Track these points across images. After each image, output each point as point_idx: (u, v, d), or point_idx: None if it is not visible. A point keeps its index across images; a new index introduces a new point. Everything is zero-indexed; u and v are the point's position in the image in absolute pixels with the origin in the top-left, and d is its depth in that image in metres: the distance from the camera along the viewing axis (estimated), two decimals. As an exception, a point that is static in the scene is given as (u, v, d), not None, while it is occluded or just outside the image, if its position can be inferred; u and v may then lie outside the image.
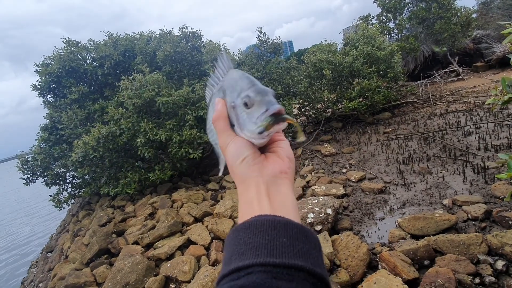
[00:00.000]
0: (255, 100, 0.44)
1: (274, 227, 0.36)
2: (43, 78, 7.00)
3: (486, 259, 2.41)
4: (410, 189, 3.92)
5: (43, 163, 6.89)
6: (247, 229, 0.37)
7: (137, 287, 3.06)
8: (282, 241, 0.34)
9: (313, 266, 0.33)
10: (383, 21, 11.15)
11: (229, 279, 0.32)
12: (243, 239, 0.36)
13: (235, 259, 0.34)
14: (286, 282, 0.30)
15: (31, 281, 6.20)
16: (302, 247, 0.35)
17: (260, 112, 0.43)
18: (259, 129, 0.43)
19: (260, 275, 0.31)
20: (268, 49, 7.39)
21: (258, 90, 0.45)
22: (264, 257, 0.32)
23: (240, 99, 0.46)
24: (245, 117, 0.45)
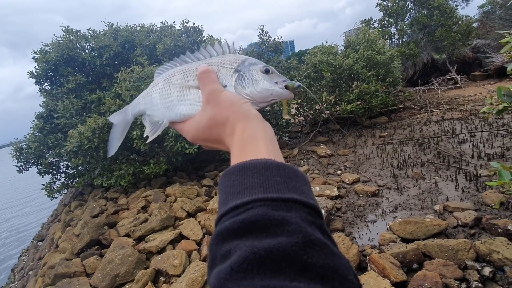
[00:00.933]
0: (275, 71, 0.54)
1: (267, 168, 0.37)
2: (41, 65, 6.93)
3: (474, 265, 2.44)
4: (403, 194, 3.96)
5: (37, 152, 6.83)
6: (240, 171, 0.38)
7: (127, 279, 3.06)
8: (276, 180, 0.36)
9: (306, 198, 0.36)
10: (384, 26, 11.19)
11: (229, 216, 0.34)
12: (238, 180, 0.37)
13: (231, 199, 0.35)
14: (285, 212, 0.33)
15: (21, 268, 6.16)
16: (295, 184, 0.37)
17: (281, 78, 0.52)
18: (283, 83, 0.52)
19: (260, 209, 0.32)
20: (269, 47, 7.39)
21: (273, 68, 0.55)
22: (261, 194, 0.34)
23: (259, 67, 0.53)
24: (261, 78, 0.52)
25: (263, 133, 0.46)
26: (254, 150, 0.43)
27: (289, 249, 0.29)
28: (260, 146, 0.44)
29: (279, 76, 0.53)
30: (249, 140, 0.45)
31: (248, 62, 0.55)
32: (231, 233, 0.32)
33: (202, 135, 0.53)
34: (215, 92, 0.52)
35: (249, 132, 0.46)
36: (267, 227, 0.31)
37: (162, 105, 0.60)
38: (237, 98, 0.52)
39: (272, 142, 0.46)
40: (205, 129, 0.52)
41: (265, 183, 0.36)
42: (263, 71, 0.53)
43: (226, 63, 0.55)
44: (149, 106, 0.65)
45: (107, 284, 3.01)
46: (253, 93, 0.52)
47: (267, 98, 0.52)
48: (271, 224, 0.31)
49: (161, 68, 0.64)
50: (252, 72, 0.53)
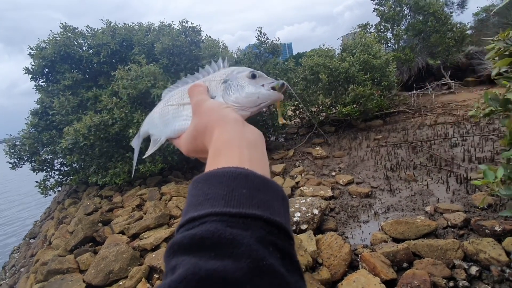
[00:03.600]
0: (262, 75, 0.54)
1: (234, 178, 0.35)
2: (37, 61, 6.88)
3: (461, 264, 2.51)
4: (395, 195, 4.03)
5: (31, 148, 6.77)
6: (206, 180, 0.36)
7: (121, 275, 3.06)
8: (241, 192, 0.33)
9: (271, 215, 0.32)
10: (381, 31, 11.35)
11: (185, 228, 0.32)
12: (202, 190, 0.35)
13: (191, 209, 0.34)
14: (241, 230, 0.30)
15: (12, 266, 6.10)
16: (262, 198, 0.34)
17: (267, 81, 0.52)
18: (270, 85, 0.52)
19: (213, 224, 0.30)
20: (266, 49, 7.44)
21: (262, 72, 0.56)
22: (220, 207, 0.32)
23: (246, 73, 0.54)
24: (246, 83, 0.52)
25: (240, 138, 0.43)
26: (227, 157, 0.40)
27: (231, 275, 0.26)
28: (234, 152, 0.40)
29: (265, 79, 0.54)
30: (223, 146, 0.42)
31: (236, 71, 0.56)
32: (181, 247, 0.30)
33: (191, 146, 0.53)
34: (199, 102, 0.52)
35: (224, 137, 0.43)
36: (216, 246, 0.29)
37: (160, 124, 0.64)
38: (217, 104, 0.51)
39: (250, 148, 0.42)
40: (192, 140, 0.51)
41: (228, 195, 0.33)
42: (249, 77, 0.54)
43: (217, 76, 0.57)
44: (150, 126, 0.70)
45: (101, 280, 3.02)
46: (239, 99, 0.51)
47: (255, 102, 0.52)
48: (221, 243, 0.29)
49: (166, 90, 0.69)
50: (239, 80, 0.54)
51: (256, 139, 0.44)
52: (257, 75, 0.54)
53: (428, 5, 10.46)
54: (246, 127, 0.46)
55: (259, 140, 0.45)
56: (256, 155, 0.42)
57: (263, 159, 0.43)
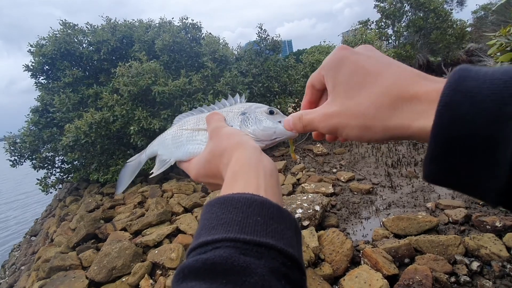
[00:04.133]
0: (279, 112, 0.58)
1: (249, 205, 0.34)
2: (37, 59, 6.85)
3: (463, 259, 2.53)
4: (397, 192, 4.04)
5: (31, 146, 6.76)
6: (221, 204, 0.35)
7: (124, 271, 3.08)
8: (256, 219, 0.33)
9: (285, 246, 0.32)
10: (381, 27, 11.32)
11: (196, 252, 0.31)
12: (216, 214, 0.34)
13: (204, 233, 0.33)
14: (254, 258, 0.29)
15: (12, 264, 6.12)
16: (276, 227, 0.33)
17: (284, 118, 0.55)
18: None
19: (227, 250, 0.29)
20: (267, 46, 7.42)
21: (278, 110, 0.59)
22: (234, 233, 0.31)
23: (264, 109, 0.58)
24: (264, 118, 0.55)
25: (257, 164, 0.42)
26: (245, 181, 0.39)
27: None
28: (252, 178, 0.40)
29: (283, 117, 0.56)
30: (241, 170, 0.42)
31: (254, 106, 0.59)
32: (191, 272, 0.29)
33: (203, 170, 0.52)
34: (217, 129, 0.52)
35: (242, 161, 0.43)
36: (229, 273, 0.28)
37: (172, 145, 0.66)
38: (236, 131, 0.52)
39: (267, 175, 0.41)
40: (205, 163, 0.51)
41: (243, 222, 0.32)
42: (267, 112, 0.56)
43: (235, 108, 0.60)
44: (161, 146, 0.71)
45: (104, 276, 3.03)
46: (256, 131, 0.54)
47: (271, 136, 0.54)
48: (233, 270, 0.28)
49: (179, 116, 0.71)
50: (257, 114, 0.57)
51: (272, 167, 0.44)
52: (275, 111, 0.57)
53: (428, 2, 10.43)
54: (263, 155, 0.46)
55: (274, 169, 0.44)
56: (271, 183, 0.41)
57: (277, 187, 0.42)
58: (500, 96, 0.25)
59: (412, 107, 0.32)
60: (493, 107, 0.25)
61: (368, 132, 0.36)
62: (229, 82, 6.01)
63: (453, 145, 0.27)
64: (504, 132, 0.24)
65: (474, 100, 0.26)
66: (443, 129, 0.28)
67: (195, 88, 5.79)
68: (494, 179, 0.26)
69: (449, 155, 0.28)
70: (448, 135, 0.27)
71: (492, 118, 0.25)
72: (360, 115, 0.36)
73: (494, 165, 0.25)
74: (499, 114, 0.25)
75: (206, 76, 6.06)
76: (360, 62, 0.38)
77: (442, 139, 0.28)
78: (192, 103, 5.71)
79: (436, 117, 0.28)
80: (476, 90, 0.26)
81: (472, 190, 0.28)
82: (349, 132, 0.38)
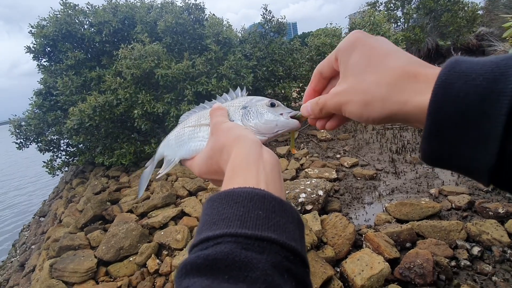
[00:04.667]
0: (280, 105, 0.57)
1: (250, 199, 0.34)
2: (38, 40, 6.76)
3: (464, 244, 2.56)
4: (400, 178, 4.05)
5: (36, 129, 6.81)
6: (222, 199, 0.35)
7: (131, 251, 3.18)
8: (258, 213, 0.32)
9: (287, 240, 0.31)
10: (390, 9, 10.94)
11: (198, 248, 0.31)
12: (217, 209, 0.34)
13: (206, 229, 0.33)
14: (256, 253, 0.29)
15: (22, 243, 6.33)
16: (278, 220, 0.33)
17: (286, 110, 0.55)
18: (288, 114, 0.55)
19: (228, 245, 0.29)
20: (272, 28, 7.22)
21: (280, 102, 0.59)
22: (235, 228, 0.31)
23: (265, 102, 0.57)
24: (265, 111, 0.55)
25: (257, 158, 0.42)
26: (244, 176, 0.39)
27: None
28: (251, 172, 0.39)
29: (283, 109, 0.56)
30: (240, 165, 0.41)
31: (255, 100, 0.59)
32: (193, 268, 0.29)
33: (205, 167, 0.51)
34: (217, 123, 0.52)
35: (242, 156, 0.42)
36: (230, 268, 0.28)
37: (175, 145, 0.66)
38: (236, 125, 0.51)
39: (267, 169, 0.41)
40: (207, 159, 0.50)
41: (244, 216, 0.32)
42: (268, 105, 0.56)
43: (236, 102, 0.59)
44: (166, 148, 0.71)
45: (112, 256, 3.13)
46: (258, 125, 0.53)
47: (273, 129, 0.54)
48: (235, 266, 0.28)
49: (183, 115, 0.71)
50: (258, 107, 0.56)
51: (273, 161, 0.43)
52: (276, 104, 0.56)
53: (441, -18, 10.00)
54: (264, 148, 0.45)
55: (276, 162, 0.44)
56: (272, 177, 0.41)
57: (279, 181, 0.42)
58: (492, 75, 0.27)
59: (411, 85, 0.34)
60: (485, 84, 0.27)
61: (368, 108, 0.37)
62: (233, 66, 5.91)
63: (448, 121, 0.29)
64: (495, 107, 0.26)
65: (468, 78, 0.28)
66: (439, 106, 0.29)
67: (199, 72, 5.71)
68: (486, 155, 0.27)
69: (444, 131, 0.29)
70: (442, 111, 0.29)
71: (484, 94, 0.26)
72: (362, 91, 0.38)
73: (486, 141, 0.27)
74: (491, 90, 0.26)
75: (209, 59, 5.96)
76: (372, 44, 0.39)
77: (437, 115, 0.29)
78: (196, 87, 5.65)
79: (432, 94, 0.30)
80: (469, 71, 0.28)
81: (466, 167, 0.30)
82: (351, 108, 0.39)
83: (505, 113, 0.25)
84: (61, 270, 3.01)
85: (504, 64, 0.27)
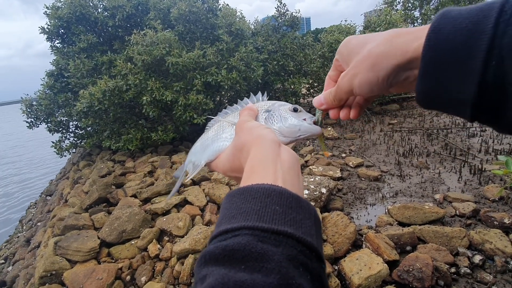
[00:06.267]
0: (303, 110, 0.60)
1: (268, 195, 0.35)
2: (52, 21, 6.81)
3: (466, 252, 2.54)
4: (405, 181, 4.01)
5: (47, 109, 6.92)
6: (241, 194, 0.37)
7: (133, 235, 3.23)
8: (275, 209, 0.34)
9: (303, 235, 0.32)
10: (408, 8, 10.68)
11: (217, 240, 0.33)
12: (236, 204, 0.36)
13: (225, 222, 0.34)
14: (272, 246, 0.30)
15: (29, 220, 6.50)
16: (295, 216, 0.34)
17: (308, 115, 0.58)
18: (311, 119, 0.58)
19: (245, 237, 0.31)
20: (285, 22, 7.13)
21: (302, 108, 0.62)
22: (253, 222, 0.32)
23: (288, 107, 0.59)
24: (289, 115, 0.57)
25: (275, 157, 0.43)
26: (261, 174, 0.40)
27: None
28: (269, 170, 0.41)
29: (306, 114, 0.59)
30: (258, 164, 0.42)
31: (278, 104, 0.60)
32: (212, 258, 0.30)
33: (228, 164, 0.53)
34: (242, 122, 0.53)
35: (260, 155, 0.44)
36: (247, 259, 0.29)
37: (200, 149, 0.68)
38: (257, 125, 0.51)
39: (284, 168, 0.42)
40: (230, 157, 0.52)
41: (261, 211, 0.33)
42: (291, 110, 0.58)
43: (259, 106, 0.61)
44: (193, 154, 0.74)
45: (114, 238, 3.20)
46: (282, 128, 0.55)
47: (296, 133, 0.55)
48: (251, 256, 0.29)
49: (209, 123, 0.73)
50: (281, 111, 0.58)
51: (291, 160, 0.44)
52: (298, 109, 0.59)
53: (463, -17, 9.68)
54: (282, 148, 0.46)
55: (294, 161, 0.45)
56: (289, 175, 0.42)
57: (297, 180, 0.43)
58: (476, 18, 0.31)
59: (407, 37, 0.37)
60: (470, 26, 0.31)
61: (375, 68, 0.40)
62: (243, 58, 5.87)
63: (439, 60, 0.33)
64: (477, 44, 0.29)
65: (456, 22, 0.32)
66: (431, 47, 0.33)
67: (209, 62, 5.69)
68: (470, 87, 0.31)
69: (436, 68, 0.33)
70: (434, 51, 0.33)
71: (469, 34, 0.30)
72: (365, 58, 0.41)
73: (470, 74, 0.30)
74: (475, 30, 0.30)
75: (220, 50, 5.93)
76: (363, 36, 0.44)
77: (429, 56, 0.33)
78: (205, 77, 5.64)
79: (426, 38, 0.34)
80: (458, 16, 0.32)
81: (454, 101, 0.33)
82: (360, 78, 0.43)
83: (484, 49, 0.29)
84: (65, 248, 3.09)
85: (487, 8, 0.30)
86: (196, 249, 2.84)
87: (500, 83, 0.29)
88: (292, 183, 0.41)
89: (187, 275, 2.67)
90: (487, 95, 0.31)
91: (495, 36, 0.29)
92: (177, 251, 2.86)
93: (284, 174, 0.41)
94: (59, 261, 2.96)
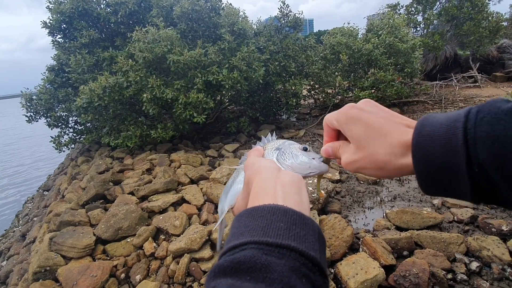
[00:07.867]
0: (312, 150, 0.63)
1: (273, 213, 0.38)
2: (55, 16, 6.79)
3: (463, 258, 2.53)
4: (404, 185, 4.00)
5: (47, 104, 6.90)
6: (249, 214, 0.40)
7: (129, 233, 3.22)
8: (279, 225, 0.36)
9: (306, 249, 0.34)
10: (411, 13, 10.66)
11: (226, 255, 0.35)
12: (244, 223, 0.39)
13: (233, 239, 0.37)
14: (276, 258, 0.32)
15: (25, 214, 6.47)
16: (298, 232, 0.36)
17: (317, 156, 0.61)
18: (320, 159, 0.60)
19: (251, 251, 0.33)
20: (288, 23, 7.12)
21: None
22: (258, 237, 0.35)
23: (298, 146, 0.63)
24: (300, 153, 0.61)
25: (274, 181, 0.46)
26: (262, 197, 0.44)
27: None
28: (269, 193, 0.44)
29: (315, 154, 0.62)
30: (259, 190, 0.46)
31: (288, 143, 0.64)
32: (221, 271, 0.33)
33: (243, 202, 0.54)
34: (247, 162, 0.56)
35: (260, 183, 0.47)
36: (252, 270, 0.31)
37: (223, 196, 0.72)
38: (259, 159, 0.55)
39: (284, 188, 0.45)
40: (243, 194, 0.54)
41: (267, 227, 0.36)
42: (301, 149, 0.61)
43: (269, 145, 0.65)
44: (220, 201, 0.76)
45: (110, 235, 3.18)
46: (294, 165, 0.58)
47: (306, 170, 0.58)
48: (256, 268, 0.31)
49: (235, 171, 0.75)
50: (292, 149, 0.61)
51: (292, 180, 0.47)
52: (308, 148, 0.62)
53: (466, -11, 9.68)
54: (282, 172, 0.50)
55: (296, 181, 0.47)
56: (290, 193, 0.44)
57: (299, 196, 0.45)
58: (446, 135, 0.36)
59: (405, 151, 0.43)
60: (444, 141, 0.36)
61: (382, 171, 0.46)
62: (245, 58, 5.85)
63: (428, 172, 0.38)
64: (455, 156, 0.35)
65: (432, 140, 0.37)
66: (418, 164, 0.39)
67: (210, 61, 5.67)
68: (464, 187, 0.35)
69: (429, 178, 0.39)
70: (422, 166, 0.39)
71: (445, 149, 0.36)
72: (373, 161, 0.46)
73: (459, 179, 0.35)
74: (449, 145, 0.36)
75: (222, 49, 5.91)
76: (368, 121, 0.47)
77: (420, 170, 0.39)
78: (206, 76, 5.62)
79: (412, 157, 0.40)
80: (432, 133, 0.38)
81: (456, 196, 0.38)
82: (368, 172, 0.49)
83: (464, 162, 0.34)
84: (60, 244, 3.07)
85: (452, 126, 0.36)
86: (192, 249, 2.82)
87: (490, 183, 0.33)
88: (294, 202, 0.43)
89: (182, 274, 2.66)
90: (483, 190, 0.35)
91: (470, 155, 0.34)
92: (173, 250, 2.84)
93: (285, 194, 0.43)
94: (54, 257, 2.95)
